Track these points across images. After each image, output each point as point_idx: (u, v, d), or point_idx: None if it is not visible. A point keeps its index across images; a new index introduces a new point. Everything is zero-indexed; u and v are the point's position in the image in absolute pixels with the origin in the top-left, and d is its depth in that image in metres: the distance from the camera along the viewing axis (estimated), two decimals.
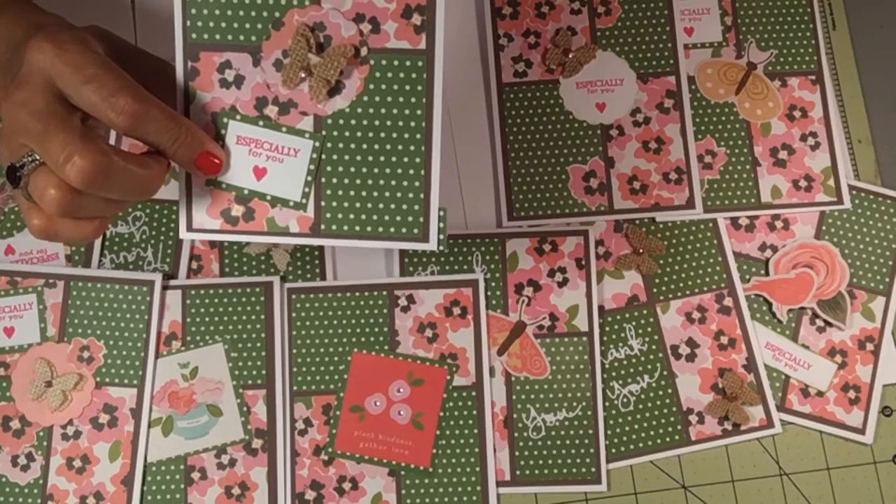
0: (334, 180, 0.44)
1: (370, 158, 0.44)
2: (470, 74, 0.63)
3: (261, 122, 0.44)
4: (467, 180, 0.62)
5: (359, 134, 0.44)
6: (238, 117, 0.44)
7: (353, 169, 0.44)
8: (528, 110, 0.62)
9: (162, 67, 0.46)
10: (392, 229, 0.44)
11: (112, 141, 0.58)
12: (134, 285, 0.57)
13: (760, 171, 0.62)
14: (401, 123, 0.44)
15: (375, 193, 0.44)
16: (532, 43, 0.62)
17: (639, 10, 0.63)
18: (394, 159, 0.44)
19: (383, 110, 0.44)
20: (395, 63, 0.44)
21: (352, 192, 0.44)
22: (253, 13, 0.43)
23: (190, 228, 0.45)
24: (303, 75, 0.43)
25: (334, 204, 0.44)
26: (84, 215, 0.41)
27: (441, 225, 0.44)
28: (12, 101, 0.39)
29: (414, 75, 0.44)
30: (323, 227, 0.45)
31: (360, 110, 0.44)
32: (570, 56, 0.62)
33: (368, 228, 0.44)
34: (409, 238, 0.44)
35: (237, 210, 0.45)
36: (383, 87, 0.44)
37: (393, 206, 0.44)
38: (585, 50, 0.62)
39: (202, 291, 0.58)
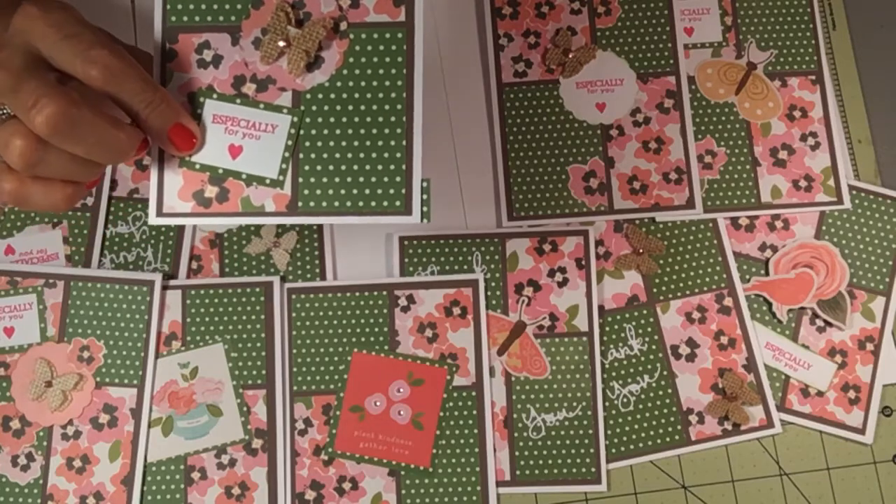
0: (312, 156, 0.44)
1: (350, 132, 0.44)
2: (470, 74, 0.63)
3: (238, 100, 0.43)
4: (467, 180, 0.62)
5: (338, 108, 0.44)
6: (215, 96, 0.43)
7: (332, 143, 0.44)
8: (528, 110, 0.62)
9: (148, 60, 0.45)
10: (373, 203, 0.43)
11: None
12: (134, 285, 0.57)
13: (760, 171, 0.62)
14: (381, 96, 0.43)
15: (356, 167, 0.43)
16: (532, 43, 0.62)
17: (639, 10, 0.63)
18: (374, 132, 0.43)
19: (363, 83, 0.43)
20: (375, 36, 0.43)
21: (331, 167, 0.44)
22: None
23: (160, 213, 0.44)
24: (282, 44, 0.43)
25: (312, 180, 0.43)
26: (51, 173, 0.39)
27: (424, 197, 0.43)
28: None
29: (394, 47, 0.43)
30: (300, 204, 0.44)
31: (339, 84, 0.43)
32: (570, 56, 0.62)
33: (348, 204, 0.43)
34: (392, 211, 0.43)
35: (210, 191, 0.44)
36: (363, 60, 0.43)
37: (374, 179, 0.43)
38: (585, 50, 0.62)
39: (202, 291, 0.58)
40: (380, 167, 0.43)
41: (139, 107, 0.41)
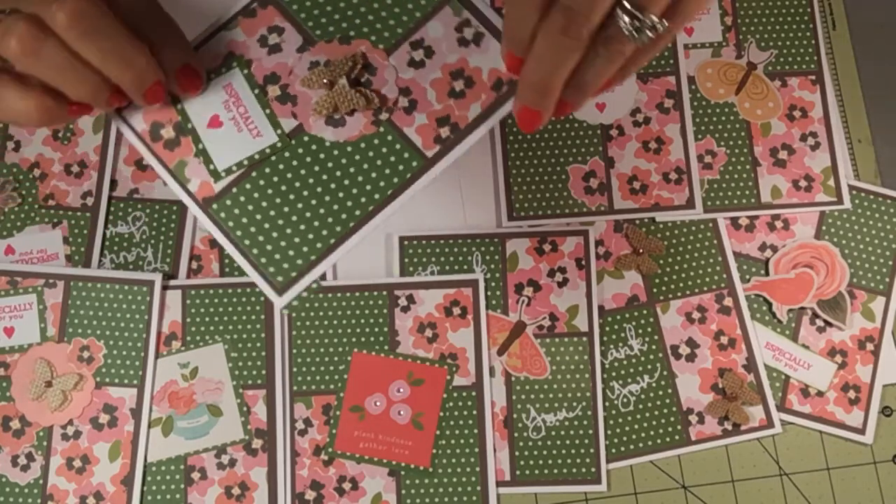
0: (259, 183, 0.43)
1: (303, 194, 0.42)
2: None
3: (256, 91, 0.43)
4: (467, 180, 0.62)
5: (316, 169, 0.43)
6: (245, 72, 0.43)
7: (282, 188, 0.42)
8: None
9: (172, 24, 0.43)
10: (264, 260, 0.42)
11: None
12: (134, 285, 0.57)
13: (760, 171, 0.62)
14: (355, 192, 0.42)
15: (278, 225, 0.42)
16: None
17: None
18: (321, 212, 0.42)
19: (354, 170, 0.42)
20: (398, 147, 0.42)
21: (262, 204, 0.42)
22: (336, 17, 0.43)
23: (119, 116, 0.43)
24: (325, 82, 0.43)
25: (242, 199, 0.43)
26: (44, 72, 0.38)
27: (305, 293, 0.42)
28: None
29: (402, 167, 0.42)
30: (215, 207, 0.43)
31: (336, 153, 0.43)
32: None
33: (246, 242, 0.42)
34: (268, 280, 0.42)
35: (167, 132, 0.43)
36: (371, 155, 0.42)
37: (282, 244, 0.42)
38: None
39: (202, 291, 0.58)
40: (294, 245, 0.42)
41: (155, 38, 0.40)
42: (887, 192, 0.62)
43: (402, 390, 0.57)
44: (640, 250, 0.60)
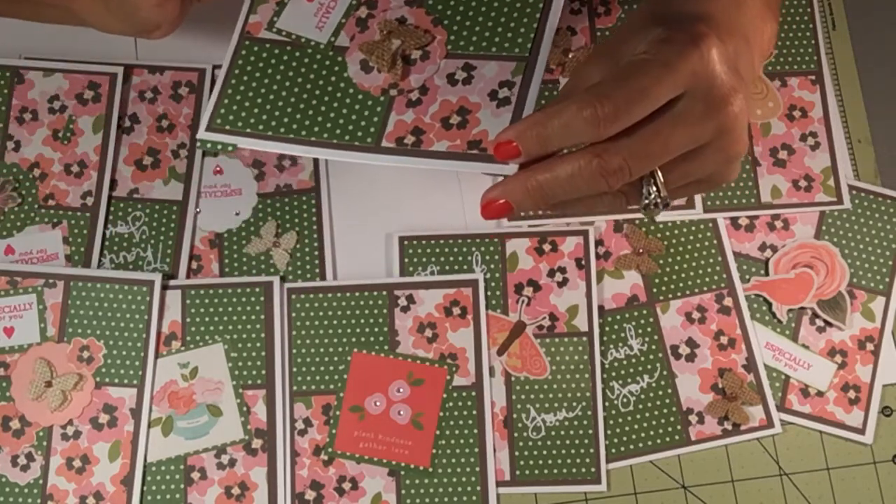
0: (281, 57, 0.47)
1: (296, 89, 0.46)
2: None
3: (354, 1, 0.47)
4: (467, 180, 0.62)
5: (320, 83, 0.46)
6: None
7: (289, 74, 0.46)
8: None
9: None
10: (227, 101, 0.46)
11: None
12: (134, 285, 0.57)
13: (760, 171, 0.62)
14: (322, 118, 0.45)
15: (263, 90, 0.46)
16: None
17: None
18: (291, 109, 0.46)
19: (338, 105, 0.45)
20: (375, 120, 0.44)
21: (268, 72, 0.46)
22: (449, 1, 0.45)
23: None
24: (392, 37, 0.45)
25: (264, 55, 0.47)
26: None
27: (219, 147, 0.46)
28: None
29: (361, 134, 0.44)
30: (247, 44, 0.47)
31: (342, 85, 0.46)
32: (570, 56, 0.62)
33: (233, 82, 0.46)
34: (213, 113, 0.46)
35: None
36: (357, 107, 0.45)
37: (251, 101, 0.46)
38: (585, 50, 0.62)
39: (202, 291, 0.58)
40: (256, 110, 0.46)
41: None
42: (887, 192, 0.62)
43: (401, 390, 0.57)
44: (640, 250, 0.60)
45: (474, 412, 0.57)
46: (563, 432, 0.57)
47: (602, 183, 0.38)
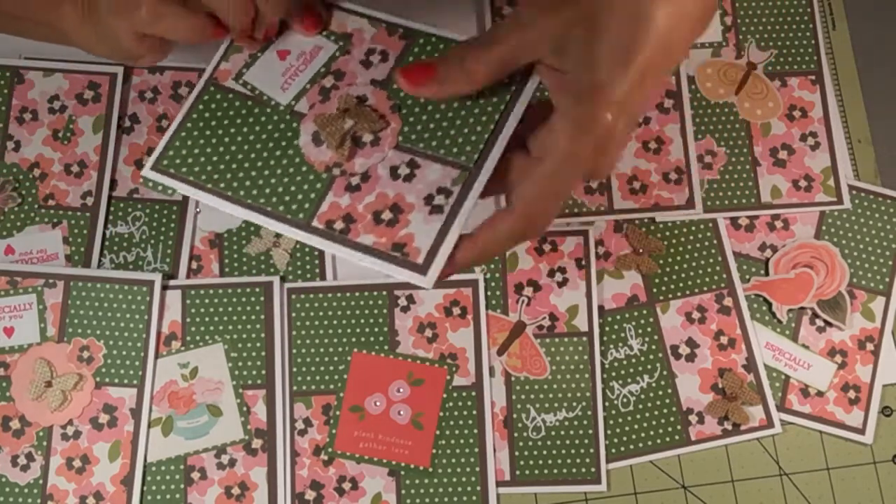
0: (239, 110, 0.46)
1: (247, 147, 0.45)
2: None
3: (322, 69, 0.46)
4: None
5: (270, 145, 0.45)
6: (335, 51, 0.46)
7: (243, 130, 0.45)
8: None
9: None
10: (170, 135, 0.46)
11: None
12: (134, 285, 0.57)
13: (760, 171, 0.62)
14: (264, 182, 0.44)
15: (221, 147, 0.45)
16: None
17: None
18: (242, 174, 0.45)
19: (281, 172, 0.44)
20: (312, 196, 0.44)
21: (224, 122, 0.46)
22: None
23: None
24: (347, 112, 0.44)
25: (224, 104, 0.47)
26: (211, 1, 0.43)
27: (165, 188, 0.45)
28: None
29: (295, 207, 0.44)
30: (212, 89, 0.47)
31: (290, 153, 0.44)
32: None
33: (188, 124, 0.46)
34: (160, 154, 0.46)
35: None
36: (299, 178, 0.44)
37: (196, 149, 0.46)
38: None
39: (202, 291, 0.58)
40: (203, 160, 0.45)
41: None
42: (887, 192, 0.62)
43: (401, 390, 0.57)
44: (640, 250, 0.60)
45: (474, 412, 0.57)
46: (563, 432, 0.57)
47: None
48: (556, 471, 0.57)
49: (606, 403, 0.58)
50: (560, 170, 0.38)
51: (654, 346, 0.59)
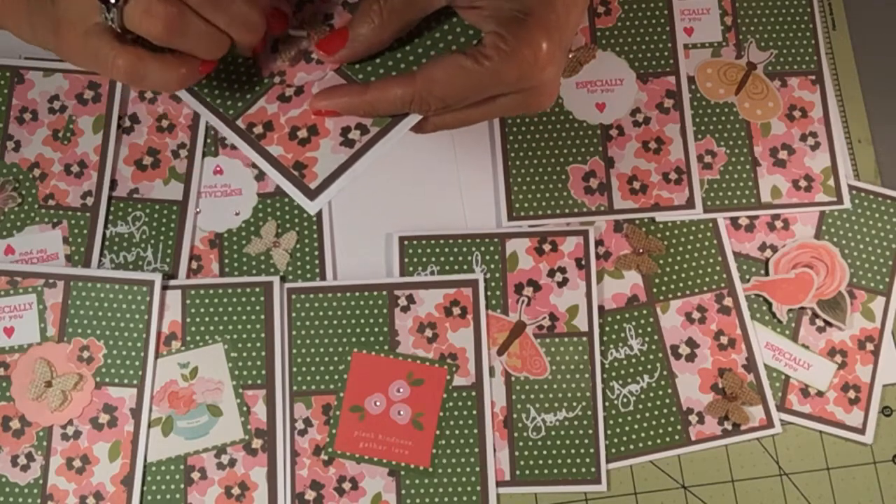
0: None
1: None
2: None
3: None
4: (467, 180, 0.62)
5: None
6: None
7: None
8: None
9: None
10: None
11: None
12: (134, 285, 0.57)
13: (760, 171, 0.62)
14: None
15: None
16: None
17: (639, 10, 0.63)
18: None
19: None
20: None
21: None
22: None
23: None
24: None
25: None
26: (182, 45, 0.40)
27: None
28: None
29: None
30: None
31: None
32: (570, 56, 0.62)
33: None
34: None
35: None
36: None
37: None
38: (585, 50, 0.62)
39: (202, 291, 0.58)
40: None
41: None
42: (887, 192, 0.62)
43: (402, 390, 0.57)
44: (640, 250, 0.60)
45: (474, 412, 0.57)
46: (563, 432, 0.57)
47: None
48: (556, 471, 0.57)
49: (606, 403, 0.58)
50: (474, 70, 0.40)
51: (654, 346, 0.59)
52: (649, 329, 0.59)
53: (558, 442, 0.57)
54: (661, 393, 0.59)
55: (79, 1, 0.40)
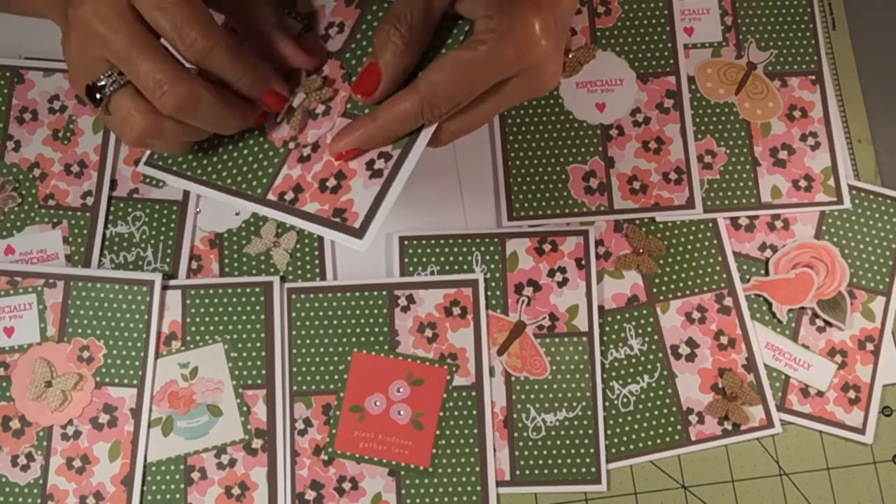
0: None
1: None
2: None
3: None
4: (467, 180, 0.62)
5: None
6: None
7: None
8: (527, 110, 0.62)
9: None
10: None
11: None
12: (134, 285, 0.57)
13: (760, 171, 0.62)
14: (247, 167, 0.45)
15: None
16: None
17: (639, 10, 0.63)
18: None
19: (248, 140, 0.45)
20: (265, 164, 0.45)
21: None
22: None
23: None
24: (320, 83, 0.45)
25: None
26: (162, 139, 0.43)
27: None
28: (85, 11, 0.39)
29: (251, 179, 0.45)
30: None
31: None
32: (570, 56, 0.62)
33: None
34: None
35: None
36: (256, 150, 0.45)
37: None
38: (585, 50, 0.62)
39: (202, 291, 0.58)
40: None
41: (231, 80, 0.42)
42: (887, 192, 0.62)
43: (402, 390, 0.57)
44: (640, 250, 0.60)
45: (474, 412, 0.57)
46: (563, 432, 0.57)
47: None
48: (556, 471, 0.57)
49: (606, 403, 0.58)
50: (471, 59, 0.40)
51: (654, 346, 0.59)
52: (649, 329, 0.59)
53: (558, 442, 0.57)
54: (661, 393, 0.59)
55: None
